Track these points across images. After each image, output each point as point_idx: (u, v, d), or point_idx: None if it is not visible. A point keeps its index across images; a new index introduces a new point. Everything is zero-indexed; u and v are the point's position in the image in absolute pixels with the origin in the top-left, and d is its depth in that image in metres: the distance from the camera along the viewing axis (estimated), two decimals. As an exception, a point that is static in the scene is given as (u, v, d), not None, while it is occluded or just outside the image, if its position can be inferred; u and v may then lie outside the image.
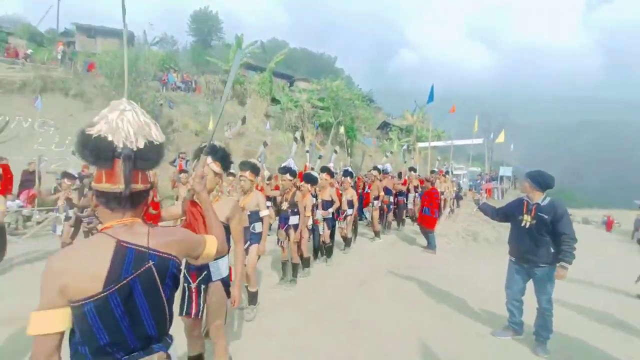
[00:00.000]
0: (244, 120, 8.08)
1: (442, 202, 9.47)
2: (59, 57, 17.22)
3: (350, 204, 5.99)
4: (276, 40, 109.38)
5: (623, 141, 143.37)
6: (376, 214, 7.35)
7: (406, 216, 9.81)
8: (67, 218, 5.48)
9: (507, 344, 3.12)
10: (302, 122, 22.21)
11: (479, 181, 13.67)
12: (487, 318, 3.67)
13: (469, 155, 17.72)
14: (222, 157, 2.09)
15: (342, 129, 16.21)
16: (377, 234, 7.46)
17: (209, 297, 2.00)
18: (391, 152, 16.52)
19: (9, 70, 15.05)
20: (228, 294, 2.05)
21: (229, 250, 1.80)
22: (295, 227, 4.32)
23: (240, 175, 3.17)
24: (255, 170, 3.26)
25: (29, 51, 17.44)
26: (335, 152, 10.84)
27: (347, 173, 6.18)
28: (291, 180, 4.32)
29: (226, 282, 2.07)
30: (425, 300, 4.19)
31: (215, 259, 1.90)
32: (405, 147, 27.39)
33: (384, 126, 33.54)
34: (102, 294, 0.92)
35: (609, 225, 17.42)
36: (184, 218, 2.06)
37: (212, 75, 24.59)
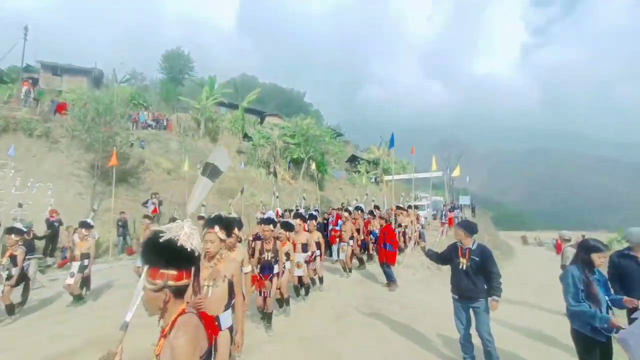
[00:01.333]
0: (242, 191, 8.35)
1: (406, 237, 10.21)
2: (22, 96, 16.83)
3: (318, 245, 6.30)
4: (246, 75, 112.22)
5: (566, 167, 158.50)
6: (349, 251, 7.86)
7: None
8: (9, 277, 5.01)
9: None
10: (273, 158, 22.85)
11: (443, 211, 14.77)
12: (445, 341, 4.24)
13: (430, 184, 19.16)
14: (227, 226, 2.49)
15: (313, 165, 16.95)
16: (349, 270, 7.93)
17: (218, 345, 2.32)
18: (365, 192, 17.40)
19: (-33, 111, 14.51)
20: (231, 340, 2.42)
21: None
22: (277, 274, 4.53)
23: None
24: (227, 226, 2.54)
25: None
26: (304, 198, 11.50)
27: (312, 216, 6.58)
28: (272, 231, 4.57)
29: (231, 330, 2.45)
30: (394, 330, 4.69)
31: (223, 312, 2.34)
32: (372, 180, 28.82)
33: (353, 159, 35.06)
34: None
35: (558, 248, 19.16)
36: None
37: (184, 113, 24.91)
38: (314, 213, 7.20)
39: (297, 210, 13.50)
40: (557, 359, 3.93)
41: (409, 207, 12.46)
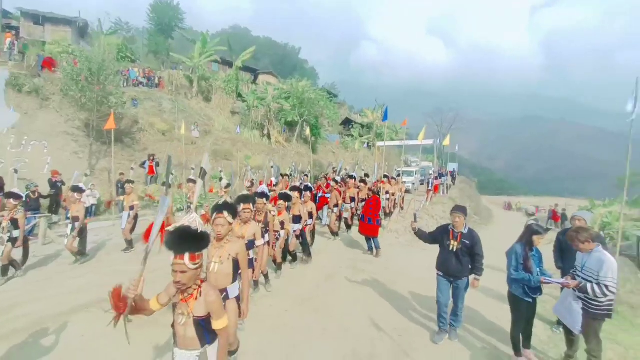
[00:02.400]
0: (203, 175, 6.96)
1: (393, 203, 10.92)
2: (6, 49, 16.14)
3: (310, 215, 6.66)
4: (238, 27, 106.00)
5: (559, 136, 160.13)
6: (334, 217, 8.51)
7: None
8: (11, 239, 5.27)
9: (433, 324, 4.40)
10: (268, 120, 22.83)
11: (430, 179, 15.51)
12: (419, 299, 5.05)
13: (420, 150, 19.72)
14: (233, 211, 2.95)
15: (307, 131, 17.18)
16: (335, 234, 8.61)
17: (228, 312, 2.58)
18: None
19: (-50, 63, 14.01)
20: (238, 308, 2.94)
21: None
22: (268, 242, 4.82)
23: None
24: (231, 211, 2.99)
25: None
26: (294, 165, 11.82)
27: (307, 188, 6.87)
28: (264, 204, 4.89)
29: (237, 299, 2.95)
30: (376, 288, 5.48)
31: (232, 284, 2.89)
32: (365, 144, 29.19)
33: (347, 122, 35.03)
34: None
35: (554, 216, 20.21)
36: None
37: (176, 70, 24.15)
38: (310, 185, 7.66)
39: (290, 175, 14.03)
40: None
41: (397, 175, 13.07)
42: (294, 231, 6.14)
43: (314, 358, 3.48)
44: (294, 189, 6.52)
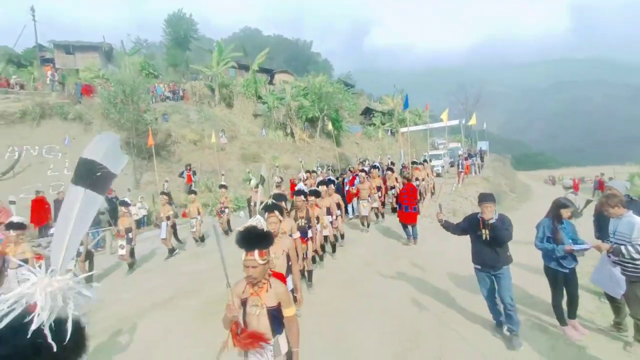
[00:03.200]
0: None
1: (423, 190, 10.96)
2: (48, 81, 17.64)
3: (338, 206, 6.89)
4: (249, 29, 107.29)
5: (594, 99, 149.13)
6: (370, 208, 8.65)
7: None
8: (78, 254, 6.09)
9: (472, 302, 4.60)
10: (289, 118, 23.29)
11: (460, 160, 15.30)
12: (456, 278, 5.25)
13: (446, 132, 19.32)
14: (281, 209, 3.32)
15: (329, 125, 17.42)
16: (367, 225, 8.72)
17: None
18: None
19: (4, 100, 15.56)
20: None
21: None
22: (312, 237, 5.24)
23: (270, 216, 3.24)
24: (280, 210, 3.41)
25: (18, 78, 17.78)
26: (319, 163, 11.99)
27: (330, 181, 7.10)
28: (303, 201, 5.20)
29: (292, 291, 3.21)
30: (412, 271, 5.74)
31: (287, 277, 3.16)
32: (388, 132, 28.99)
33: (367, 111, 34.85)
34: None
35: (575, 187, 19.39)
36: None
37: (196, 81, 25.16)
38: (332, 178, 7.97)
39: (316, 170, 14.37)
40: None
41: (424, 160, 13.04)
42: (330, 222, 6.49)
43: (363, 336, 3.83)
44: (321, 183, 6.78)
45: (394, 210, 10.09)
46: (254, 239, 2.06)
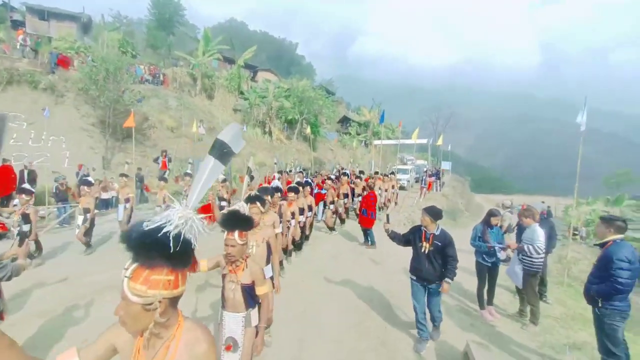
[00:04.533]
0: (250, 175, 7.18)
1: (386, 199, 11.89)
2: (19, 46, 16.77)
3: (310, 208, 7.25)
4: (235, 21, 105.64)
5: (552, 134, 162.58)
6: (329, 213, 9.15)
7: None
8: (20, 233, 5.29)
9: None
10: (269, 117, 23.68)
11: (424, 177, 16.55)
12: (404, 272, 6.07)
13: (414, 148, 20.77)
14: (262, 201, 3.45)
15: (308, 130, 18.09)
16: (331, 229, 9.24)
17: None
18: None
19: (-32, 60, 14.66)
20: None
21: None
22: (282, 232, 5.37)
23: (252, 207, 3.39)
24: (262, 202, 3.53)
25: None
26: (294, 165, 12.04)
27: (307, 183, 7.50)
28: (279, 197, 5.49)
29: (271, 278, 3.51)
30: (372, 265, 6.55)
31: (266, 265, 3.40)
32: (362, 143, 30.19)
33: (344, 120, 35.97)
34: None
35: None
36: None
37: (179, 67, 24.85)
38: (309, 180, 8.47)
39: (291, 171, 14.91)
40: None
41: (391, 173, 14.07)
42: (299, 222, 7.00)
43: (326, 311, 4.52)
44: (298, 184, 7.25)
45: (357, 216, 10.70)
46: (235, 221, 2.26)
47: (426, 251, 3.57)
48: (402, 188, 17.37)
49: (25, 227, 5.31)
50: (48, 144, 13.53)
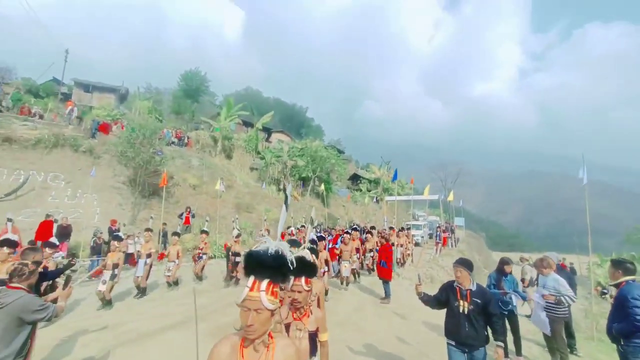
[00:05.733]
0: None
1: (402, 255, 12.01)
2: (67, 114, 18.90)
3: (326, 262, 7.42)
4: (251, 89, 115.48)
5: (564, 190, 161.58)
6: (350, 268, 9.02)
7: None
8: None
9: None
10: (284, 175, 24.84)
11: (438, 233, 16.67)
12: (430, 323, 6.13)
13: (427, 204, 21.10)
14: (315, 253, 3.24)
15: (322, 187, 18.88)
16: (347, 284, 9.08)
17: None
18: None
19: (22, 126, 16.51)
20: None
21: None
22: None
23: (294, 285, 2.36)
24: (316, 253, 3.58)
25: (39, 108, 19.00)
26: (312, 221, 12.14)
27: (321, 238, 7.69)
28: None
29: None
30: (394, 316, 6.59)
31: None
32: (374, 199, 30.79)
33: (355, 177, 37.14)
34: None
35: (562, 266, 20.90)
36: None
37: (202, 131, 27.03)
38: (323, 235, 8.74)
39: (304, 225, 15.30)
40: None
41: (403, 228, 14.32)
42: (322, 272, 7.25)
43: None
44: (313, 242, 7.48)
45: (369, 271, 10.82)
46: (302, 266, 2.15)
47: (465, 311, 3.08)
48: (416, 244, 17.39)
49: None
50: (82, 201, 14.49)
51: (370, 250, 10.88)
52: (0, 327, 2.61)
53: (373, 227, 15.07)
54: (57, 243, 6.83)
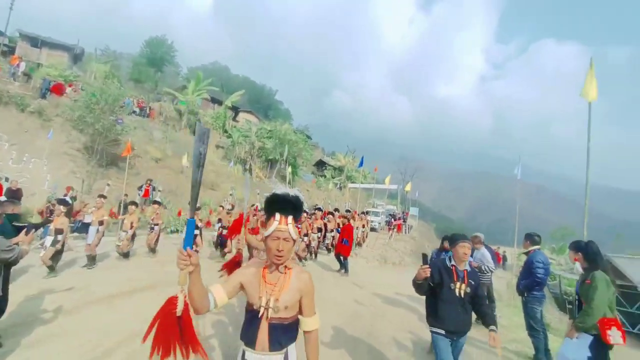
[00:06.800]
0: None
1: (362, 235, 12.95)
2: (12, 69, 17.09)
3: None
4: (218, 64, 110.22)
5: (505, 191, 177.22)
6: (303, 245, 9.21)
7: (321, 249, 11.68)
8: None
9: (394, 294, 6.33)
10: (250, 156, 24.73)
11: (391, 220, 17.93)
12: (383, 290, 6.96)
13: (387, 194, 22.45)
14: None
15: (289, 169, 19.25)
16: (302, 259, 9.24)
17: None
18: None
19: (-43, 78, 14.75)
20: None
21: None
22: None
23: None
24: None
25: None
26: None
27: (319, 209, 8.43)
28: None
29: None
30: (352, 283, 7.34)
31: None
32: (338, 186, 31.77)
33: (320, 163, 37.83)
34: None
35: (498, 259, 23.35)
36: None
37: (166, 103, 25.82)
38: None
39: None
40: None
41: (363, 212, 15.29)
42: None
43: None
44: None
45: (329, 251, 11.33)
46: (290, 204, 1.57)
47: (462, 294, 2.63)
48: (373, 229, 18.56)
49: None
50: (29, 166, 13.48)
51: (332, 231, 11.38)
52: None
53: (336, 209, 15.86)
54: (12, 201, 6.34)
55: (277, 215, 1.54)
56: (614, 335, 1.77)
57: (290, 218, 1.55)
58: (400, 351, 4.26)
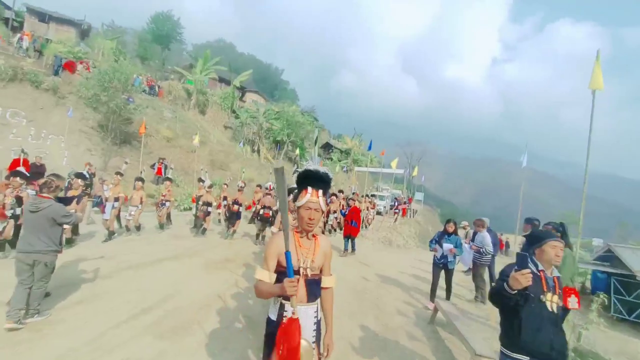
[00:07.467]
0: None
1: (367, 218, 13.31)
2: (23, 46, 17.22)
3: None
4: (223, 41, 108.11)
5: (511, 177, 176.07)
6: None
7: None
8: (14, 216, 5.38)
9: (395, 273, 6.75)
10: (259, 137, 24.94)
11: (397, 204, 18.25)
12: (388, 270, 7.38)
13: (393, 178, 22.68)
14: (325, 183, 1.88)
15: (297, 151, 19.47)
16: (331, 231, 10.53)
17: None
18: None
19: (-26, 54, 14.95)
20: None
21: None
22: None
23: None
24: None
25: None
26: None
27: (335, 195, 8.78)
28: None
29: None
30: (358, 262, 7.78)
31: None
32: (344, 168, 32.00)
33: (327, 146, 37.90)
34: None
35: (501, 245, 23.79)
36: None
37: (175, 82, 25.85)
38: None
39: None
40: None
41: (368, 195, 15.60)
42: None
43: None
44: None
45: (329, 232, 11.48)
46: (321, 179, 1.79)
47: (555, 309, 2.06)
48: (378, 213, 18.94)
49: (19, 210, 5.34)
50: (47, 142, 13.90)
51: (334, 212, 11.59)
52: (45, 225, 3.53)
53: (341, 191, 16.22)
54: (28, 174, 6.68)
55: (310, 189, 1.77)
56: (572, 302, 2.14)
57: (320, 192, 1.78)
58: (404, 320, 4.69)
